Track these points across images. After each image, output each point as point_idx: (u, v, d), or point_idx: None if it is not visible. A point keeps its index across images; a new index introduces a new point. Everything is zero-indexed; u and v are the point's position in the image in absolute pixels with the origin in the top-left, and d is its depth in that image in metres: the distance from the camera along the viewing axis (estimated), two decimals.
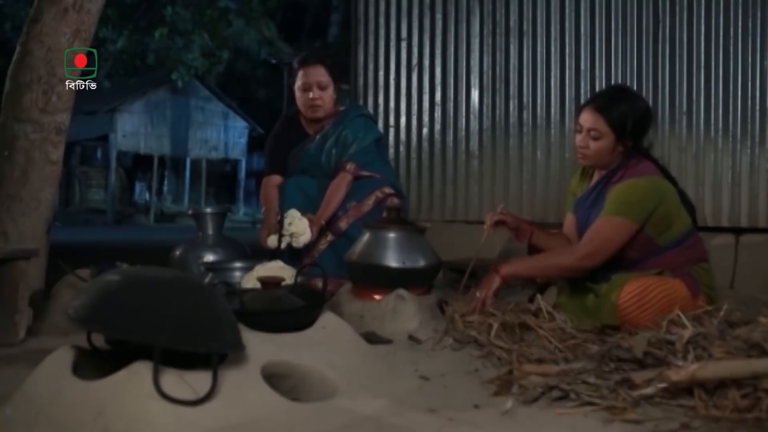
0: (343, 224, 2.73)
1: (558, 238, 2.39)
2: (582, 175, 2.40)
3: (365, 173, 2.86)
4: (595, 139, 2.18)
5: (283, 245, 2.63)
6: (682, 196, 2.22)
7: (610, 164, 2.23)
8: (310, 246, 2.70)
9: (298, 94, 2.90)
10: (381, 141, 3.11)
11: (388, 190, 2.80)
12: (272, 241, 2.67)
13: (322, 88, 2.86)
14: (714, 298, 2.12)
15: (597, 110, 2.17)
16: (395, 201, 2.76)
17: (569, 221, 2.42)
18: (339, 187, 2.79)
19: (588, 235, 2.13)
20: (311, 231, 2.63)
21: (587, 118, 2.19)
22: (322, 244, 2.74)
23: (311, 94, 2.85)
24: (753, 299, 2.16)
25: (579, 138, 2.22)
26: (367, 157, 2.89)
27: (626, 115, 2.15)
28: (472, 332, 1.98)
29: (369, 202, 2.76)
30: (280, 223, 2.66)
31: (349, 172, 2.83)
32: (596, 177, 2.31)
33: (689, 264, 2.13)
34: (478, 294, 2.11)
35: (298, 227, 2.61)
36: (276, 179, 2.94)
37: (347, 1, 9.75)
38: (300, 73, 2.88)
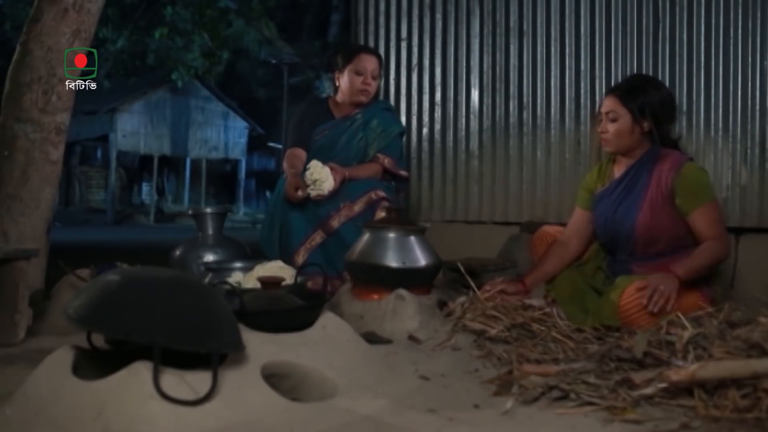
0: (335, 223, 2.73)
1: (553, 258, 2.36)
2: (599, 172, 2.39)
3: (395, 171, 2.97)
4: (613, 120, 2.23)
5: (307, 193, 2.69)
6: None
7: (633, 149, 2.24)
8: (304, 237, 2.73)
9: (348, 77, 2.96)
10: (403, 135, 3.19)
11: (381, 193, 2.79)
12: (301, 192, 2.71)
13: (374, 77, 2.97)
14: (719, 302, 2.12)
15: (612, 93, 2.26)
16: (388, 204, 2.76)
17: (578, 216, 2.41)
18: (371, 166, 2.93)
19: (711, 229, 2.13)
20: (333, 179, 2.69)
21: (605, 104, 2.26)
22: (313, 241, 2.75)
23: (366, 79, 2.94)
24: (753, 299, 2.16)
25: (600, 126, 2.28)
26: (397, 153, 3.02)
27: (640, 93, 2.21)
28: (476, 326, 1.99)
29: (361, 203, 2.76)
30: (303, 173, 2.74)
31: (382, 164, 2.94)
32: (620, 170, 2.31)
33: None
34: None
35: (321, 174, 2.68)
36: (300, 152, 2.94)
37: (347, 1, 9.74)
38: (356, 59, 2.95)
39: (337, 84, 3.03)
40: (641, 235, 2.18)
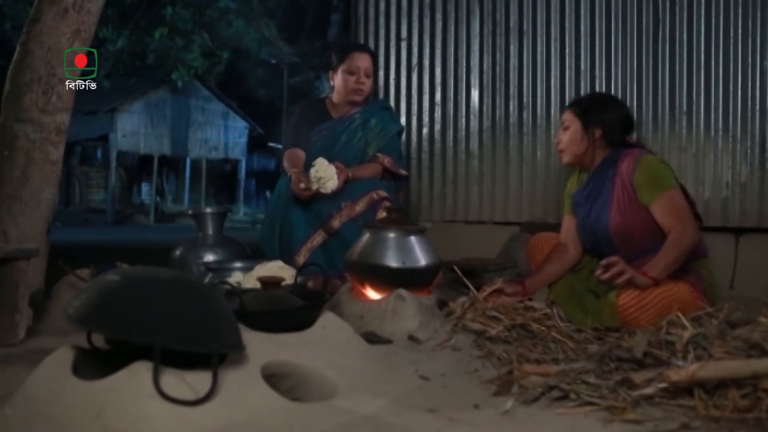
0: (336, 223, 2.73)
1: (554, 263, 2.36)
2: (578, 178, 2.43)
3: (395, 170, 2.96)
4: (565, 129, 2.32)
5: (313, 190, 2.66)
6: (684, 192, 2.24)
7: (587, 157, 2.29)
8: (304, 240, 2.73)
9: (341, 77, 2.95)
10: (401, 134, 3.18)
11: (382, 192, 2.78)
12: (305, 186, 2.68)
13: (367, 75, 2.95)
14: (714, 296, 2.13)
15: (568, 107, 2.37)
16: (388, 205, 2.76)
17: (567, 223, 2.43)
18: (372, 166, 2.92)
19: (670, 219, 2.10)
20: (337, 178, 2.67)
21: (561, 117, 2.38)
22: (314, 241, 2.75)
23: (359, 78, 2.93)
24: (753, 299, 2.16)
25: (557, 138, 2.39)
26: (396, 152, 3.01)
27: (588, 101, 2.32)
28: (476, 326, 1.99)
29: (363, 203, 2.75)
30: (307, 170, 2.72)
31: (382, 163, 2.93)
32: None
33: (693, 259, 2.14)
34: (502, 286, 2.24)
35: (326, 172, 2.66)
36: (300, 152, 2.94)
37: (347, 1, 9.75)
38: (348, 58, 2.94)
39: (331, 84, 3.04)
40: (616, 235, 2.20)
